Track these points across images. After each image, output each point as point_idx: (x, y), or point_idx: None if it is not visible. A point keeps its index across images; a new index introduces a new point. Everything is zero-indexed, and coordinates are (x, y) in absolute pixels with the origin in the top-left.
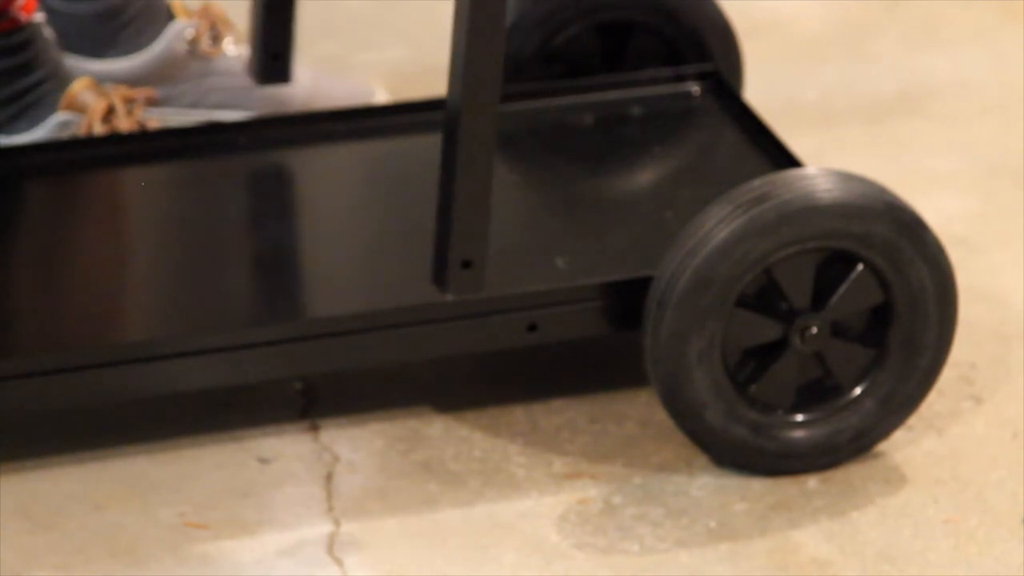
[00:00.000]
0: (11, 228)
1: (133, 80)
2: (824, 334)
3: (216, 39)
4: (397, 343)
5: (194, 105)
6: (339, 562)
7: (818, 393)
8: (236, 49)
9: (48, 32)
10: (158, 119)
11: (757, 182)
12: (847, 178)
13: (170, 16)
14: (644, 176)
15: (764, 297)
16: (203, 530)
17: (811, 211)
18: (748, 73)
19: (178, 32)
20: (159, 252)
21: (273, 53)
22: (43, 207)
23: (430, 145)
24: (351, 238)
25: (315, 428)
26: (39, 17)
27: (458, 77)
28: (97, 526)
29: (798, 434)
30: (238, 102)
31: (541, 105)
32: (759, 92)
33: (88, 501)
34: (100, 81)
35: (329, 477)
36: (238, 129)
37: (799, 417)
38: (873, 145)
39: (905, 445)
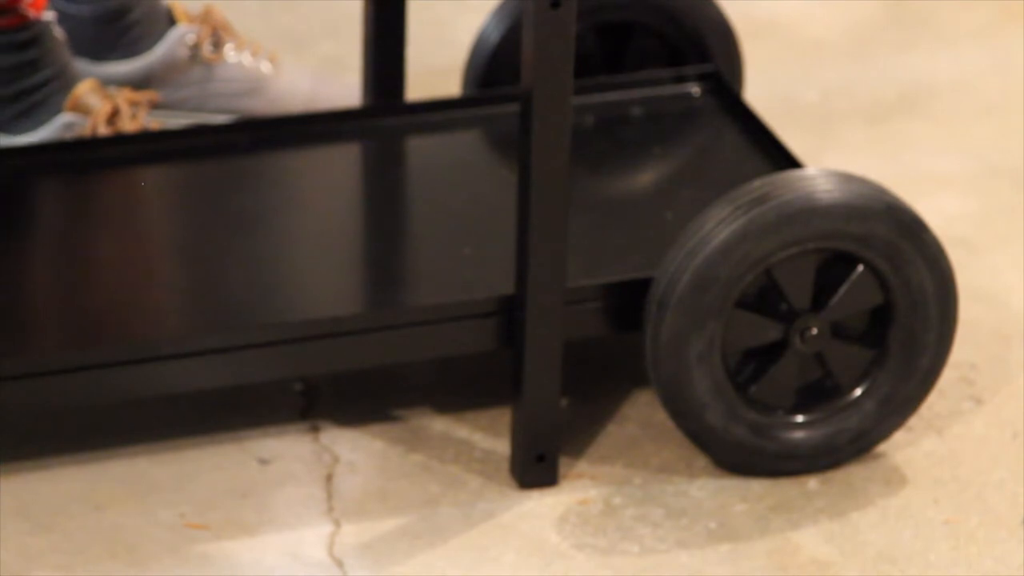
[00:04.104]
0: (11, 228)
1: (133, 84)
2: (824, 335)
3: (217, 45)
4: (397, 343)
5: (195, 110)
6: (339, 562)
7: (818, 394)
8: (237, 55)
9: (59, 32)
10: (160, 123)
11: (757, 183)
12: (847, 179)
13: (171, 21)
14: (644, 176)
15: (764, 298)
16: (203, 530)
17: (811, 212)
18: (748, 74)
19: (179, 37)
20: (160, 252)
21: (385, 71)
22: (44, 207)
23: (430, 146)
24: (351, 238)
25: (315, 429)
26: (49, 16)
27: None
28: (97, 526)
29: (798, 435)
30: (239, 107)
31: None
32: (759, 92)
33: (88, 501)
34: (104, 84)
35: (329, 478)
36: (239, 130)
37: (799, 418)
38: (873, 145)
39: (905, 446)
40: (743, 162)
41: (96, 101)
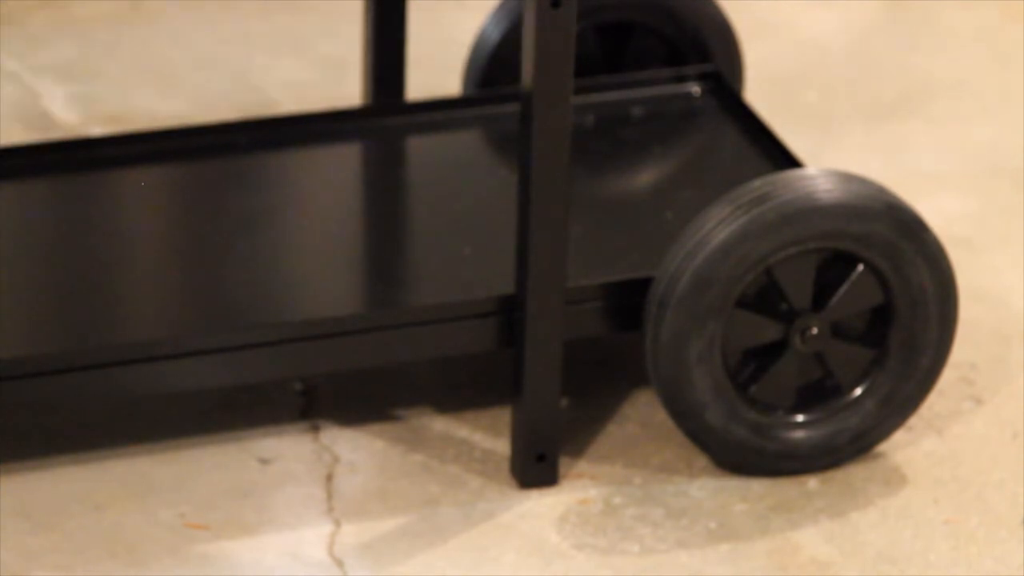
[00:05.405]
0: (11, 228)
1: None
2: (824, 334)
3: None
4: (397, 343)
5: None
6: (339, 562)
7: (818, 394)
8: None
9: None
10: None
11: (757, 182)
12: (847, 178)
13: None
14: (644, 176)
15: (764, 298)
16: (203, 530)
17: (811, 211)
18: (748, 74)
19: None
20: (159, 252)
21: (385, 71)
22: (43, 207)
23: (430, 146)
24: (351, 238)
25: (315, 428)
26: None
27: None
28: (97, 526)
29: (798, 435)
30: None
31: None
32: (759, 92)
33: (88, 501)
34: None
35: (329, 477)
36: (239, 130)
37: (799, 418)
38: (873, 145)
39: (905, 446)
40: (743, 162)
41: None
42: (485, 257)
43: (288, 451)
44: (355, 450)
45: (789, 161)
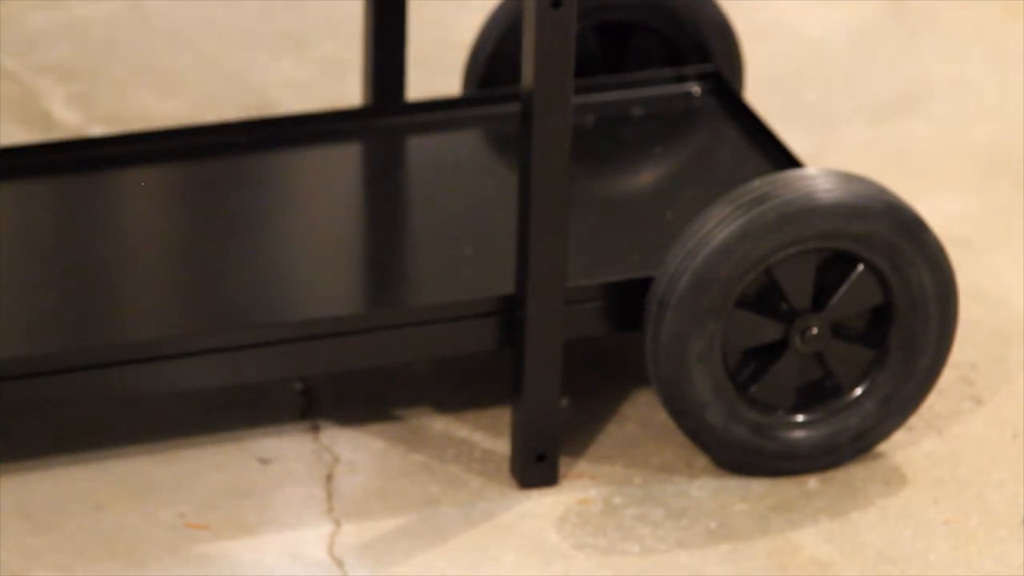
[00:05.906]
0: (10, 228)
1: None
2: (824, 334)
3: None
4: (397, 343)
5: None
6: (339, 562)
7: (818, 393)
8: None
9: None
10: None
11: (757, 182)
12: (847, 178)
13: None
14: (645, 176)
15: (764, 297)
16: (203, 530)
17: (811, 211)
18: (748, 74)
19: None
20: (159, 252)
21: (385, 71)
22: (43, 207)
23: (430, 146)
24: (351, 238)
25: (315, 428)
26: None
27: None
28: (97, 526)
29: (798, 435)
30: None
31: None
32: (759, 92)
33: (88, 501)
34: None
35: (329, 477)
36: (239, 130)
37: (799, 417)
38: (873, 145)
39: (905, 446)
40: (743, 162)
41: None
42: (485, 257)
43: (288, 451)
44: (355, 450)
45: (789, 161)
